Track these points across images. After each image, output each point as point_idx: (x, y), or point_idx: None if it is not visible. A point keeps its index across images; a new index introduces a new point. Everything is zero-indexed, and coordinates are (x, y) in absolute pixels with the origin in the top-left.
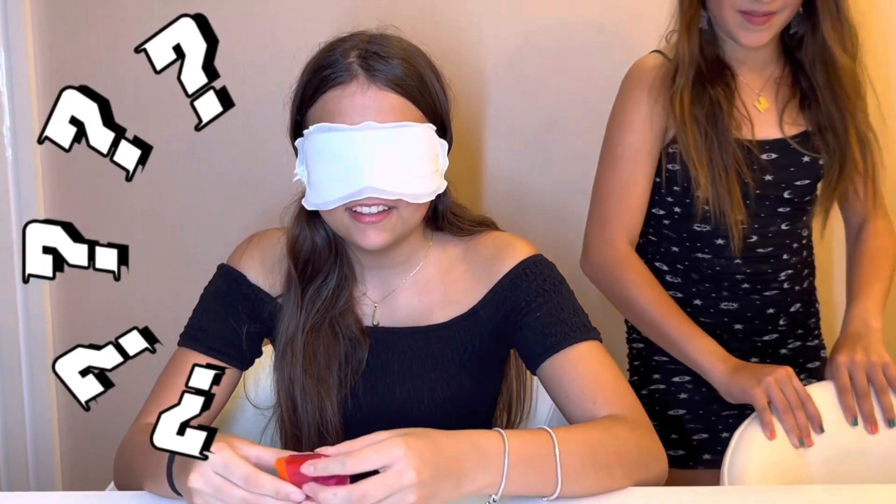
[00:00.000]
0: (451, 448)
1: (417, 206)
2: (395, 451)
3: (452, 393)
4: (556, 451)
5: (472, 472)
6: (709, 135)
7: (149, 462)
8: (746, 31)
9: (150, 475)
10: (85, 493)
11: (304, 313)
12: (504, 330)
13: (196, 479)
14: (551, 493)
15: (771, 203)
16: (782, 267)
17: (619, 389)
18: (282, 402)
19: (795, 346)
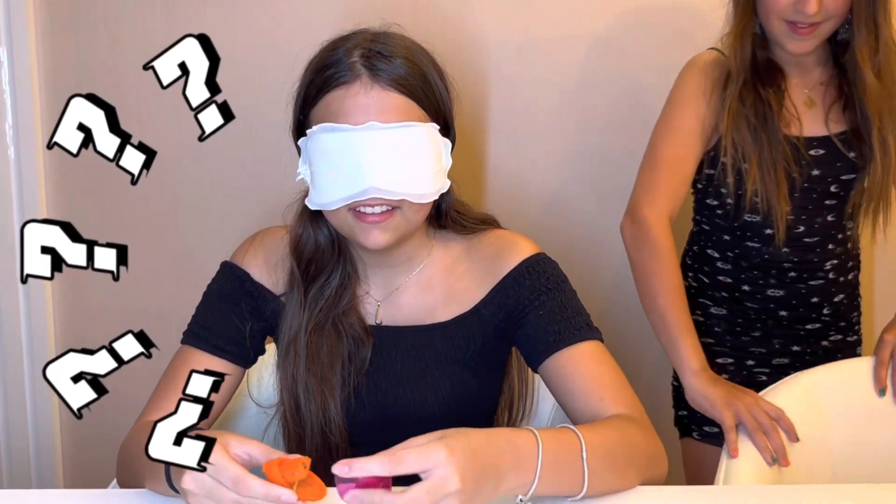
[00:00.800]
0: (490, 449)
1: (421, 205)
2: (436, 455)
3: (455, 391)
4: (584, 452)
5: (509, 472)
6: (758, 133)
7: (149, 461)
8: (791, 39)
9: (150, 474)
10: (86, 491)
11: (307, 312)
12: (506, 328)
13: (189, 481)
14: (573, 494)
15: (818, 196)
16: (828, 257)
17: (624, 389)
18: (285, 401)
19: (836, 340)
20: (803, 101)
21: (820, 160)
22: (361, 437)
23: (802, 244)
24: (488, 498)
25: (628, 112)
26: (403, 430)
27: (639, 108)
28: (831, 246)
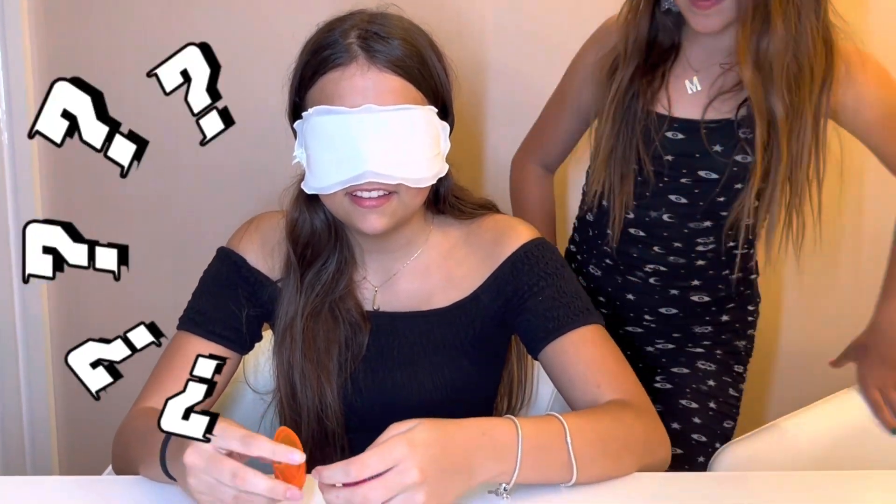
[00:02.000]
0: (463, 440)
1: (418, 189)
2: (396, 452)
3: (453, 377)
4: (568, 439)
5: (485, 462)
6: (621, 117)
7: (144, 447)
8: (693, 14)
9: (145, 460)
10: (81, 478)
11: (304, 297)
12: (505, 314)
13: (190, 454)
14: (562, 480)
15: (665, 186)
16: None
17: (622, 373)
18: (281, 387)
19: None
20: (685, 81)
21: (675, 144)
22: (358, 423)
23: (655, 234)
24: (464, 488)
25: None
26: (400, 416)
27: None
28: (658, 249)
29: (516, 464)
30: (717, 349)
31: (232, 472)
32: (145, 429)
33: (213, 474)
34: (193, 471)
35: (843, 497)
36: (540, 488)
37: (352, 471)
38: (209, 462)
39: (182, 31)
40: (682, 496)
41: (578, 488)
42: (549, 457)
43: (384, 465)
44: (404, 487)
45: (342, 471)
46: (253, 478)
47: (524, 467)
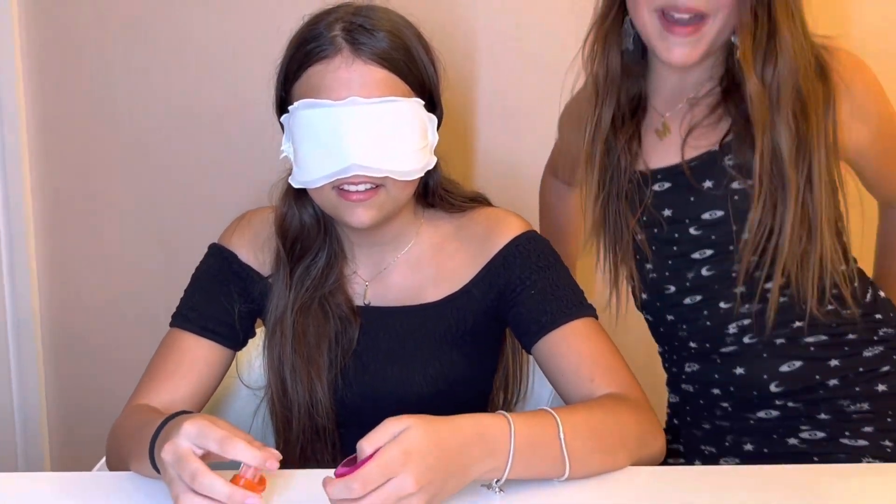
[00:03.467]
0: (455, 440)
1: (406, 182)
2: (393, 463)
3: (445, 372)
4: (561, 435)
5: (478, 460)
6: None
7: (135, 443)
8: (667, 44)
9: (136, 456)
10: (73, 474)
11: (294, 292)
12: (498, 308)
13: (166, 449)
14: (555, 475)
15: (680, 244)
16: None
17: (616, 367)
18: (272, 383)
19: (812, 438)
20: (654, 130)
21: (665, 196)
22: (349, 418)
23: (685, 308)
24: (458, 486)
25: None
26: (392, 411)
27: None
28: (724, 305)
29: (509, 460)
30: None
31: (191, 474)
32: (137, 425)
33: (178, 471)
34: (165, 465)
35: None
36: (533, 482)
37: (355, 487)
38: (177, 458)
39: (169, 26)
40: (677, 490)
41: (572, 482)
42: (542, 452)
43: (384, 476)
44: (399, 498)
45: (345, 488)
46: (211, 481)
47: (517, 463)
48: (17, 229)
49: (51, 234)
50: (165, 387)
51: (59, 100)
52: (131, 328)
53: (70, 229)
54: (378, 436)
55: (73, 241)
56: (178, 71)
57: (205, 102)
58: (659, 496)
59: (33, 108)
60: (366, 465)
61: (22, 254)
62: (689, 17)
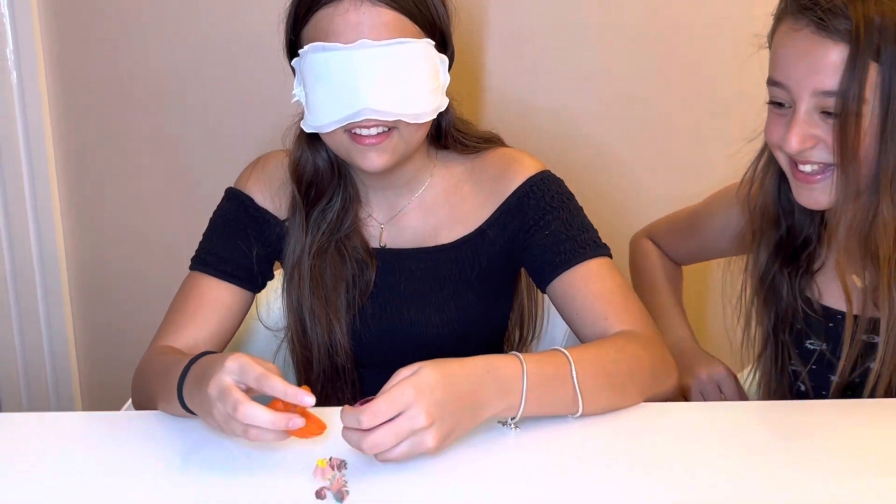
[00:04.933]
0: (467, 379)
1: (418, 125)
2: (404, 397)
3: (461, 312)
4: (574, 373)
5: (491, 399)
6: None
7: (163, 383)
8: (797, 186)
9: (164, 396)
10: (102, 414)
11: (310, 236)
12: (512, 248)
13: (211, 385)
14: (569, 413)
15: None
16: None
17: (629, 305)
18: (291, 325)
19: None
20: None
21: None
22: (368, 358)
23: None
24: (471, 425)
25: (645, 29)
26: (409, 351)
27: (655, 24)
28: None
29: (522, 399)
30: None
31: (234, 405)
32: (163, 366)
33: (224, 405)
34: (212, 401)
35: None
36: (547, 419)
37: (364, 419)
38: (221, 393)
39: None
40: (689, 425)
41: (585, 419)
42: (555, 391)
43: (393, 411)
44: (413, 431)
45: (355, 419)
46: (252, 410)
47: (530, 402)
48: (39, 171)
49: (73, 175)
50: (187, 329)
51: (78, 41)
52: (157, 267)
53: (92, 170)
54: (391, 384)
55: (96, 181)
56: (194, 14)
57: (221, 44)
58: (671, 432)
59: (52, 48)
60: (376, 399)
61: (46, 195)
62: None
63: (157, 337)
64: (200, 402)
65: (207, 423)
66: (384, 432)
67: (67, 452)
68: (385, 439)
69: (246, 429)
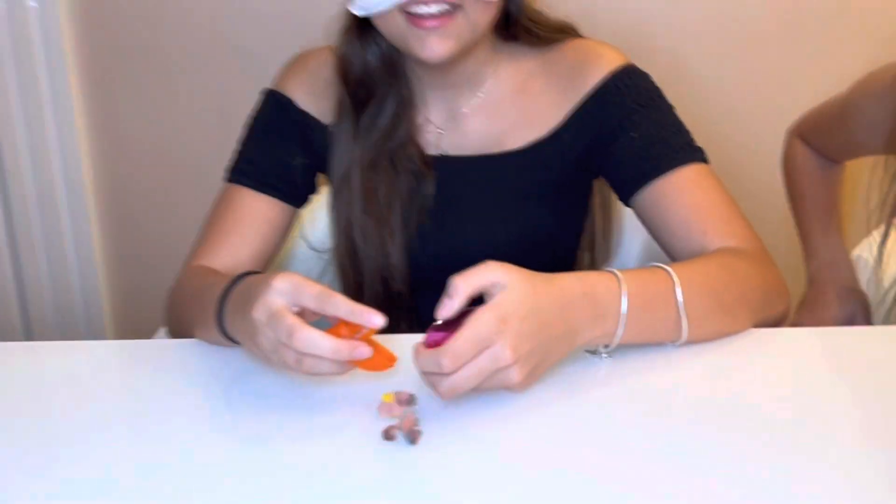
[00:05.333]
0: (559, 302)
1: (487, 4)
2: (488, 331)
3: (529, 228)
4: (678, 294)
5: (584, 325)
6: None
7: (199, 308)
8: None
9: (200, 321)
10: (134, 342)
11: (360, 145)
12: (591, 155)
13: (257, 309)
14: (670, 340)
15: None
16: None
17: (732, 218)
18: (340, 246)
19: None
20: None
21: None
22: (426, 283)
23: None
24: (561, 356)
25: None
26: None
27: None
28: None
29: (620, 323)
30: None
31: (288, 331)
32: (200, 289)
33: (275, 331)
34: (258, 327)
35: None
36: (643, 346)
37: (445, 363)
38: (271, 318)
39: None
40: (802, 352)
41: (687, 347)
42: (657, 314)
43: (477, 349)
44: (497, 370)
45: (434, 361)
46: (310, 336)
47: (629, 328)
48: (61, 86)
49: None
50: (224, 247)
51: None
52: (188, 187)
53: (118, 86)
54: (475, 278)
55: (121, 98)
56: None
57: None
58: (783, 361)
59: None
60: (456, 337)
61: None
62: None
63: (192, 256)
64: (244, 328)
65: (252, 352)
66: (464, 375)
67: (96, 383)
68: (465, 382)
69: (301, 358)
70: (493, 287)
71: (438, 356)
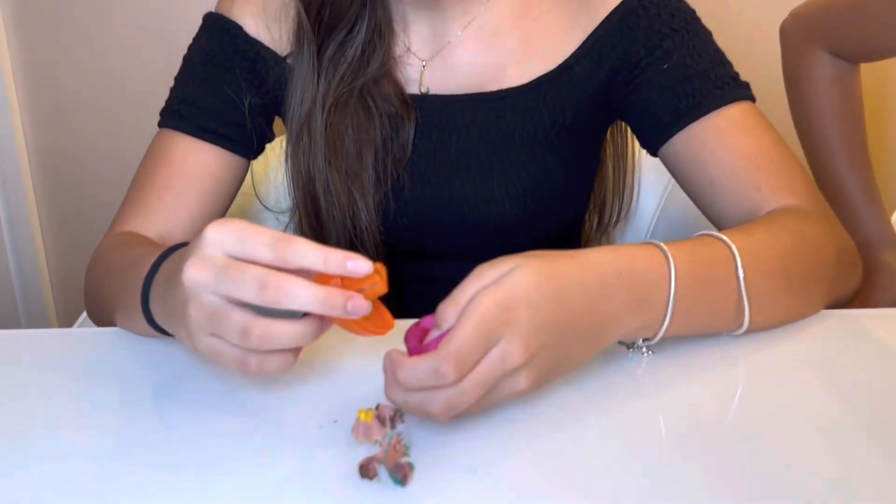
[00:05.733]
0: (585, 284)
1: None
2: (496, 322)
3: (535, 184)
4: (739, 271)
5: (620, 316)
6: None
7: (120, 287)
8: None
9: (122, 305)
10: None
11: (324, 81)
12: (610, 93)
13: (190, 269)
14: (727, 329)
15: None
16: None
17: (790, 169)
18: (300, 205)
19: None
20: None
21: None
22: (404, 251)
23: None
24: (589, 353)
25: None
26: (461, 241)
27: None
28: None
29: (666, 312)
30: None
31: (258, 282)
32: (123, 263)
33: (225, 290)
34: (193, 293)
35: None
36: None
37: (446, 369)
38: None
39: None
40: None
41: (748, 338)
42: (713, 298)
43: (484, 345)
44: (503, 374)
45: (430, 372)
46: (292, 287)
47: (677, 316)
48: None
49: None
50: (157, 209)
51: None
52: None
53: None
54: (467, 292)
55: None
56: None
57: None
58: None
59: None
60: (454, 334)
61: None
62: None
63: (117, 220)
64: (174, 308)
65: (184, 342)
66: (468, 385)
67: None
68: (470, 393)
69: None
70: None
71: (437, 362)
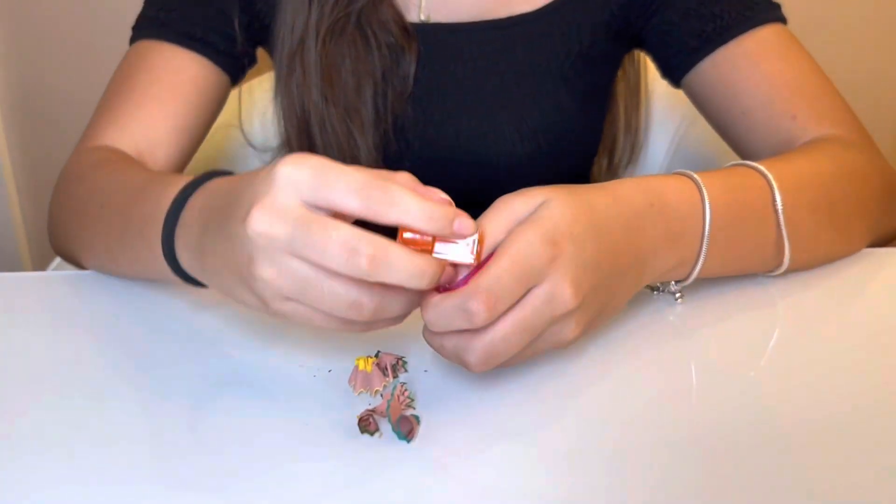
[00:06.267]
0: (621, 217)
1: None
2: (535, 261)
3: (548, 120)
4: (778, 203)
5: (658, 250)
6: None
7: (115, 218)
8: None
9: (121, 241)
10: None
11: (317, 6)
12: (630, 17)
13: (261, 219)
14: (764, 269)
15: None
16: None
17: (828, 96)
18: (291, 144)
19: None
20: None
21: None
22: None
23: None
24: (628, 297)
25: None
26: (469, 185)
27: None
28: None
29: (701, 248)
30: None
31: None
32: (113, 186)
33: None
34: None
35: None
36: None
37: (476, 308)
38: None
39: None
40: None
41: (787, 279)
42: (750, 232)
43: (523, 284)
44: (551, 320)
45: (458, 310)
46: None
47: (713, 253)
48: None
49: None
50: (137, 116)
51: None
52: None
53: None
54: (498, 225)
55: None
56: None
57: None
58: None
59: None
60: (489, 268)
61: None
62: None
63: (88, 134)
64: (225, 263)
65: (233, 296)
66: (509, 328)
67: None
68: (512, 339)
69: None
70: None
71: (465, 299)
